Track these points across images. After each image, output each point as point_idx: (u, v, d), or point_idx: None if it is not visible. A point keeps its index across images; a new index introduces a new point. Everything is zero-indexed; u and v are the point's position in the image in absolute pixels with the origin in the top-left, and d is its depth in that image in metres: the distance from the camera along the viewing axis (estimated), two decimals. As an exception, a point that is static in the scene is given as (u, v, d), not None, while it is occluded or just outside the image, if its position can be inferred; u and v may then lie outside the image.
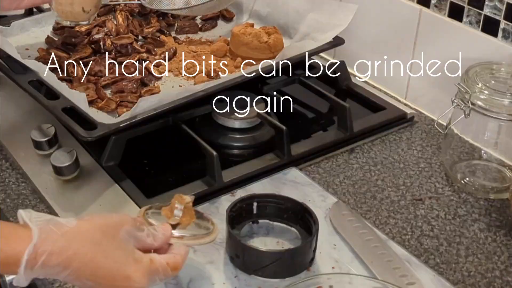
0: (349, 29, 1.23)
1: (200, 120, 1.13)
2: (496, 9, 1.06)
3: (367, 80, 1.33)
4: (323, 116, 1.22)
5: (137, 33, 1.31)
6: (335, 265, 0.87)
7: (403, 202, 1.00)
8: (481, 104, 0.98)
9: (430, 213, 0.98)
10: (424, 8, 1.18)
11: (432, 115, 1.21)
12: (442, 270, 0.89)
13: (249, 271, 0.86)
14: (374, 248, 0.90)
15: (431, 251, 0.92)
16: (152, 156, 1.08)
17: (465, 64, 1.05)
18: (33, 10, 1.38)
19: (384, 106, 1.21)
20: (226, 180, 1.00)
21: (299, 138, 1.11)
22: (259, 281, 0.85)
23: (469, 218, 0.98)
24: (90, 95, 1.12)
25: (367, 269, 0.87)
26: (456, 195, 1.03)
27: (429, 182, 1.05)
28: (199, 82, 1.15)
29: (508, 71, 1.03)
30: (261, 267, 0.85)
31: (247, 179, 1.02)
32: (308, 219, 0.89)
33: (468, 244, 0.93)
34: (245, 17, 1.39)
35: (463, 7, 1.11)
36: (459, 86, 1.00)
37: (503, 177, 1.05)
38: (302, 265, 0.86)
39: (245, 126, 1.12)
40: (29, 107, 1.16)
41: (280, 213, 0.93)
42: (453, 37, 1.15)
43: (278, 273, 0.85)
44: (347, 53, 1.33)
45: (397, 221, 0.97)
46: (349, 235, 0.92)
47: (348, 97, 1.25)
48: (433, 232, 0.95)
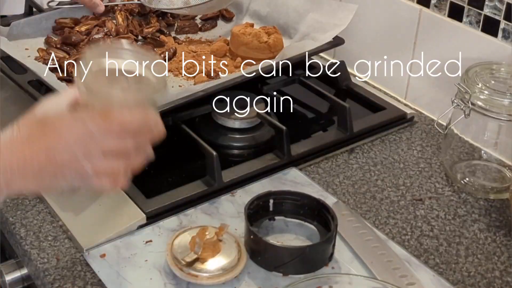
0: (349, 29, 1.23)
1: (200, 120, 1.13)
2: (496, 9, 1.06)
3: (367, 80, 1.33)
4: (323, 116, 1.22)
5: (137, 33, 1.31)
6: (335, 265, 0.87)
7: (403, 202, 1.00)
8: (481, 104, 0.98)
9: (430, 213, 0.98)
10: (424, 8, 1.18)
11: (432, 115, 1.21)
12: (442, 271, 0.89)
13: (270, 268, 0.86)
14: (374, 248, 0.90)
15: (431, 251, 0.92)
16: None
17: (465, 64, 1.05)
18: (33, 10, 1.38)
19: (384, 106, 1.21)
20: (226, 180, 1.00)
21: (299, 138, 1.11)
22: (258, 281, 0.85)
23: (469, 218, 0.98)
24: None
25: (367, 269, 0.87)
26: (456, 195, 1.03)
27: (429, 182, 1.05)
28: (199, 82, 1.15)
29: (508, 71, 1.03)
30: (282, 264, 0.85)
31: (247, 179, 1.02)
32: (325, 215, 0.90)
33: (468, 245, 0.93)
34: (245, 17, 1.39)
35: (463, 7, 1.11)
36: (459, 86, 1.00)
37: (503, 177, 1.05)
38: (322, 261, 0.87)
39: (245, 126, 1.12)
40: (28, 107, 1.15)
41: (297, 210, 0.93)
42: (453, 37, 1.15)
43: (299, 270, 0.85)
44: (347, 53, 1.33)
45: (397, 221, 0.97)
46: (348, 235, 0.92)
47: (348, 97, 1.25)
48: (433, 232, 0.95)
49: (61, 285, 0.85)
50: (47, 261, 0.88)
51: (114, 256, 0.88)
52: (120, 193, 0.98)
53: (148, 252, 0.89)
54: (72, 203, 0.97)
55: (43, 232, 0.93)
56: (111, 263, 0.87)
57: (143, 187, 0.99)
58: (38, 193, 0.80)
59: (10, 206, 0.97)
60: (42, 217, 0.96)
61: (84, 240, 0.90)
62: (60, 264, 0.88)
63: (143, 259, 0.88)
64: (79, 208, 0.96)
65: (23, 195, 0.84)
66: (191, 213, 0.96)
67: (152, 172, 1.05)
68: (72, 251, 0.90)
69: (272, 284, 0.84)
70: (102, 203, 0.96)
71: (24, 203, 0.98)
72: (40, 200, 0.99)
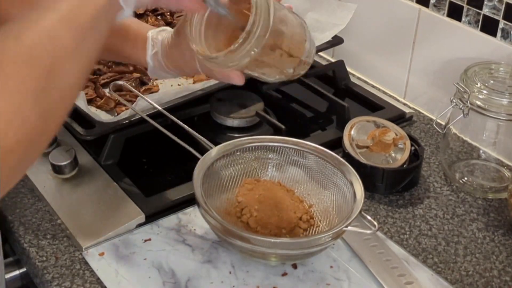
0: (348, 28, 1.23)
1: (199, 119, 1.13)
2: (495, 9, 1.06)
3: (366, 80, 1.33)
4: (321, 115, 1.22)
5: (136, 31, 1.31)
6: (333, 264, 0.88)
7: (402, 202, 1.00)
8: (479, 104, 0.98)
9: (429, 213, 0.99)
10: (423, 8, 1.18)
11: (431, 115, 1.21)
12: (440, 270, 0.89)
13: (391, 191, 1.01)
14: (373, 247, 0.90)
15: (429, 250, 0.92)
16: (150, 155, 1.08)
17: (464, 64, 1.05)
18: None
19: (382, 106, 1.21)
20: (225, 179, 1.00)
21: (298, 137, 1.11)
22: (257, 280, 0.85)
23: (467, 218, 0.98)
24: (89, 94, 1.12)
25: (365, 268, 0.87)
26: (455, 195, 1.03)
27: (427, 181, 1.05)
28: (198, 81, 1.15)
29: (507, 71, 1.03)
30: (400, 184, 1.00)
31: (246, 178, 1.02)
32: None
33: (466, 244, 0.93)
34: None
35: (462, 7, 1.11)
36: (457, 85, 1.00)
37: (502, 176, 1.06)
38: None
39: (244, 125, 1.12)
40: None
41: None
42: (452, 37, 1.15)
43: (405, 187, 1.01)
44: (346, 52, 1.33)
45: (396, 221, 0.97)
46: (347, 235, 0.92)
47: (347, 96, 1.25)
48: (431, 231, 0.95)
49: (59, 283, 0.85)
50: (46, 260, 0.88)
51: (112, 255, 0.88)
52: (119, 191, 0.98)
53: (147, 250, 0.89)
54: (71, 201, 0.97)
55: (42, 231, 0.93)
56: (109, 261, 0.87)
57: (142, 186, 0.99)
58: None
59: (9, 205, 0.97)
60: (41, 215, 0.96)
61: (83, 238, 0.90)
62: (58, 263, 0.88)
63: (142, 257, 0.88)
64: (78, 206, 0.96)
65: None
66: (190, 212, 0.96)
67: (151, 171, 1.05)
68: (71, 250, 0.90)
69: (270, 284, 0.84)
70: (100, 201, 0.96)
71: (23, 202, 0.98)
72: (39, 199, 0.99)
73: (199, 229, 0.92)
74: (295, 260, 0.86)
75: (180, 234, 0.92)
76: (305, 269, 0.87)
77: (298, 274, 0.86)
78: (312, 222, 0.89)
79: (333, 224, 0.86)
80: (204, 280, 0.85)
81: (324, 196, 0.92)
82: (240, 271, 0.86)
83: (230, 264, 0.87)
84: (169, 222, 0.94)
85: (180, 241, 0.90)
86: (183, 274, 0.85)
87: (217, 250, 0.89)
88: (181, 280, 0.84)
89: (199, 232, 0.92)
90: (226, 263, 0.87)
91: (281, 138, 0.96)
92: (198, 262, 0.87)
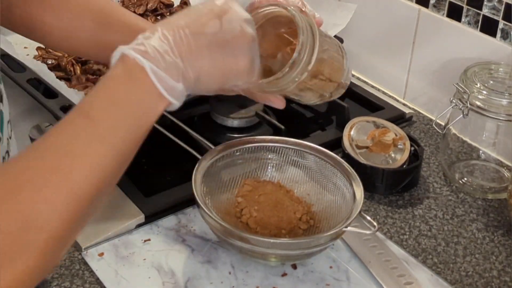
0: (348, 28, 1.23)
1: (199, 119, 1.13)
2: (495, 9, 1.06)
3: (366, 80, 1.33)
4: (321, 115, 1.22)
5: (136, 31, 1.31)
6: (333, 265, 0.88)
7: (401, 202, 1.00)
8: (479, 104, 0.98)
9: (428, 213, 0.99)
10: (423, 8, 1.18)
11: (431, 115, 1.21)
12: (440, 270, 0.89)
13: (391, 191, 1.01)
14: (372, 247, 0.90)
15: (429, 251, 0.92)
16: (150, 155, 1.08)
17: (463, 64, 1.05)
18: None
19: (382, 106, 1.21)
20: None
21: (298, 138, 1.11)
22: (257, 280, 0.85)
23: (467, 218, 0.98)
24: (88, 94, 1.11)
25: (365, 269, 0.87)
26: (454, 195, 1.03)
27: (427, 182, 1.05)
28: (198, 81, 1.15)
29: (507, 71, 1.03)
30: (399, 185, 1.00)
31: (246, 178, 1.02)
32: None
33: (466, 244, 0.93)
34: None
35: (462, 7, 1.11)
36: (457, 86, 1.00)
37: (501, 177, 1.06)
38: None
39: (244, 125, 1.12)
40: (27, 106, 1.15)
41: None
42: (451, 37, 1.15)
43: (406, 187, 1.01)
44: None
45: (395, 221, 0.97)
46: (347, 235, 0.92)
47: (347, 96, 1.24)
48: (431, 232, 0.95)
49: (59, 283, 0.85)
50: (46, 260, 0.88)
51: (112, 255, 0.88)
52: (118, 192, 0.98)
53: (147, 251, 0.89)
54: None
55: (41, 231, 0.93)
56: (109, 262, 0.87)
57: (141, 186, 0.99)
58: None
59: (9, 205, 0.97)
60: (41, 215, 0.96)
61: (82, 239, 0.90)
62: (58, 263, 0.88)
63: (141, 258, 0.88)
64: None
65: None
66: (189, 212, 0.96)
67: (151, 171, 1.05)
68: (70, 250, 0.90)
69: (270, 284, 0.84)
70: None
71: (23, 202, 0.98)
72: (39, 199, 0.98)
73: (199, 230, 0.92)
74: (295, 260, 0.86)
75: (179, 234, 0.92)
76: (304, 269, 0.87)
77: (297, 275, 0.86)
78: (312, 223, 0.89)
79: (333, 225, 0.86)
80: (204, 280, 0.85)
81: (323, 197, 0.92)
82: (240, 271, 0.86)
83: (229, 265, 0.87)
84: (169, 222, 0.94)
85: (180, 242, 0.90)
86: (183, 274, 0.85)
87: (216, 251, 0.89)
88: (181, 280, 0.84)
89: (199, 232, 0.92)
90: (226, 263, 0.87)
91: (280, 138, 0.96)
92: (198, 262, 0.87)
